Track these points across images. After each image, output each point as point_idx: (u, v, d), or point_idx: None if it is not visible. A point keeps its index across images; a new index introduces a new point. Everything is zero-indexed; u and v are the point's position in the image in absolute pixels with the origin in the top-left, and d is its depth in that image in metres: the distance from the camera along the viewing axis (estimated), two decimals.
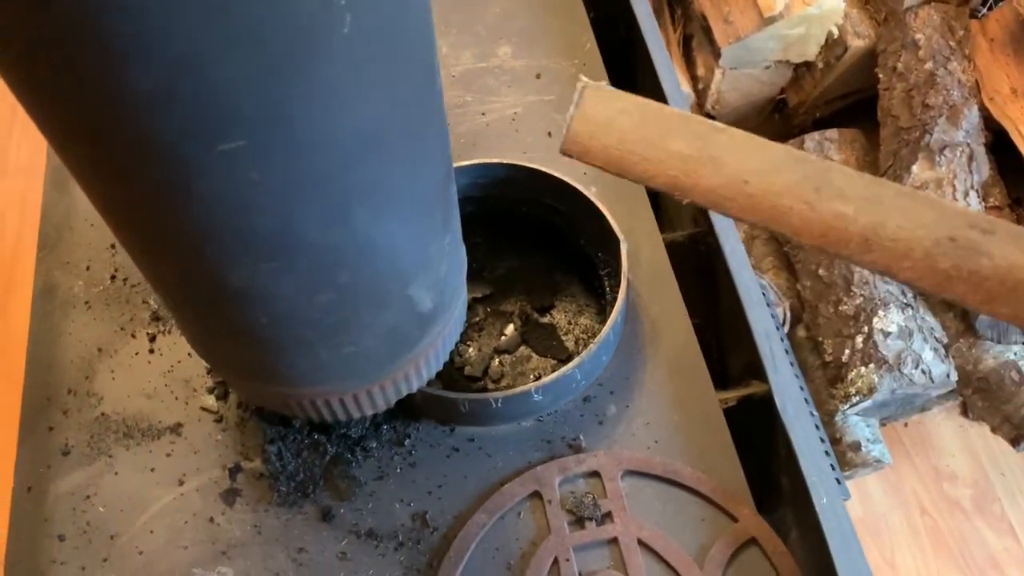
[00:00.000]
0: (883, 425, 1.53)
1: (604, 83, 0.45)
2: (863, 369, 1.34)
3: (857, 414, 1.39)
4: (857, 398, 1.34)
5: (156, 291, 0.52)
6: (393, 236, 0.46)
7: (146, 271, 0.49)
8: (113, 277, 0.75)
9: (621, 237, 0.67)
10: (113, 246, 0.76)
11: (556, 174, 0.71)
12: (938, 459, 1.55)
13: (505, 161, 0.72)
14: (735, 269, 0.69)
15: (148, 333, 0.71)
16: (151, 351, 0.71)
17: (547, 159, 0.75)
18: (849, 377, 1.35)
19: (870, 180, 0.40)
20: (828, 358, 1.38)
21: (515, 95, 0.82)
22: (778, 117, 1.72)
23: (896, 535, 1.48)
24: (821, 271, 1.42)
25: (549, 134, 0.79)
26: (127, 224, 0.43)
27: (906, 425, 1.59)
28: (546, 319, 0.76)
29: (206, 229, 0.40)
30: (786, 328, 1.43)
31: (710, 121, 0.43)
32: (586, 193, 0.69)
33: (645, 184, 0.43)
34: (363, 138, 0.39)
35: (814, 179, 0.40)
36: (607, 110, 0.44)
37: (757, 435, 0.68)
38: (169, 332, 0.71)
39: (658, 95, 0.81)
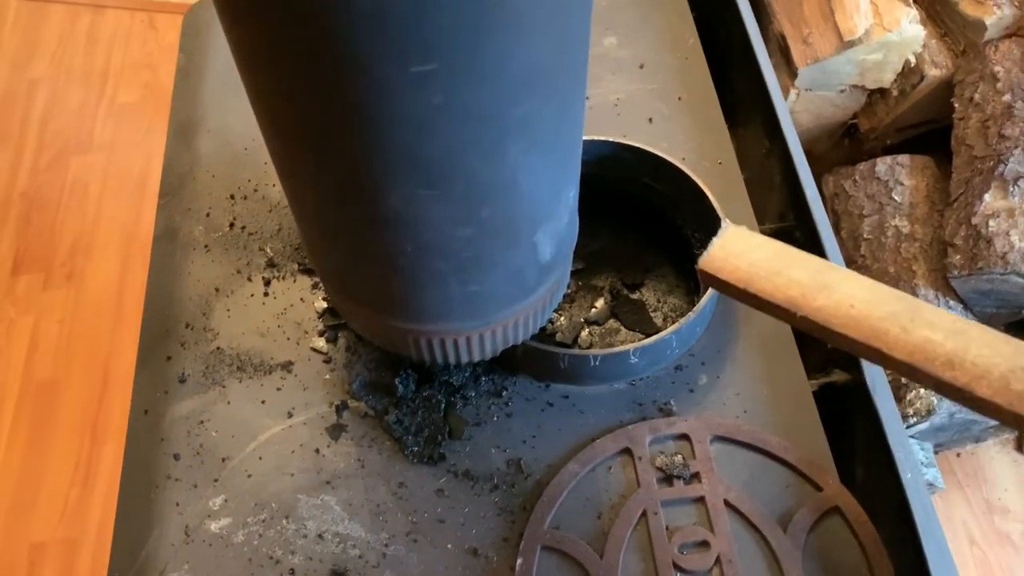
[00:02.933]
0: (936, 452, 1.53)
1: (744, 227, 0.55)
2: (922, 391, 1.34)
3: (913, 436, 1.39)
4: (915, 419, 1.34)
5: (304, 219, 0.56)
6: (535, 175, 0.50)
7: (302, 194, 0.53)
8: (232, 224, 0.79)
9: (722, 215, 0.70)
10: (232, 196, 0.81)
11: (660, 154, 0.74)
12: (990, 492, 1.55)
13: (611, 139, 0.75)
14: (831, 255, 0.71)
15: (263, 277, 0.76)
16: (265, 294, 0.75)
17: (647, 143, 0.78)
18: (908, 398, 1.35)
19: (956, 318, 0.47)
20: (888, 378, 1.39)
21: (619, 83, 0.85)
22: (848, 142, 1.74)
23: None
24: None
25: (650, 120, 0.83)
26: (303, 138, 0.47)
27: (959, 455, 1.59)
28: (636, 295, 0.79)
29: (381, 149, 0.44)
30: None
31: (827, 261, 0.52)
32: (688, 172, 0.73)
33: (764, 300, 0.51)
34: (532, 72, 0.43)
35: (909, 311, 0.47)
36: (744, 244, 0.54)
37: (837, 420, 0.70)
38: (283, 278, 0.76)
39: (757, 93, 0.84)
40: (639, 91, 0.85)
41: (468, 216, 0.49)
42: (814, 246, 0.74)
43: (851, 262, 1.53)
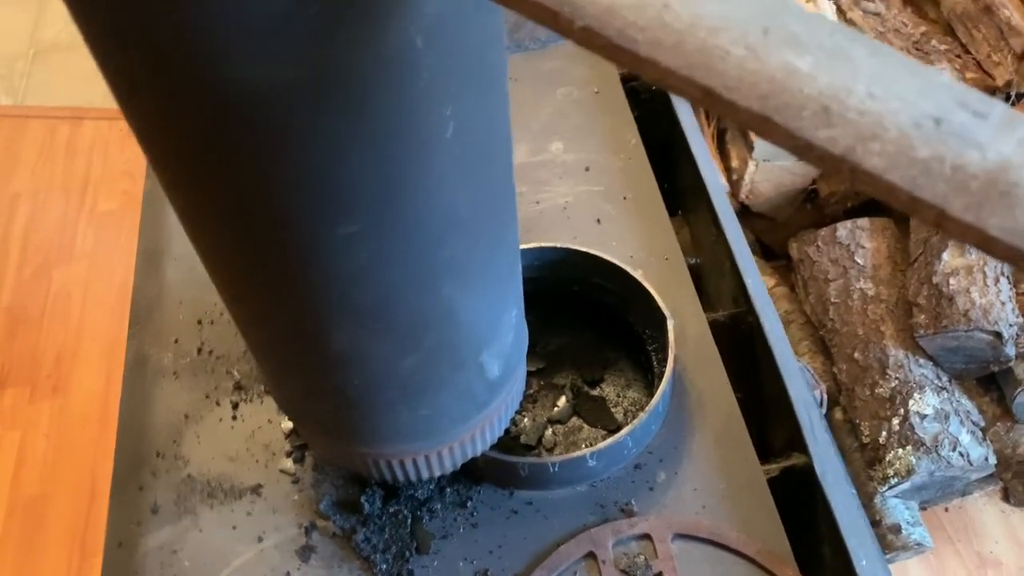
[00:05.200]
0: (924, 509, 1.54)
1: None
2: (900, 451, 1.36)
3: (896, 496, 1.40)
4: (895, 480, 1.35)
5: (257, 355, 0.59)
6: (472, 306, 0.52)
7: (252, 336, 0.55)
8: (199, 350, 0.82)
9: (668, 315, 0.73)
10: (200, 321, 0.84)
11: (606, 257, 0.77)
12: (981, 545, 1.55)
13: (560, 245, 0.78)
14: (774, 345, 0.74)
15: (231, 401, 0.78)
16: (234, 418, 0.77)
17: (596, 243, 0.82)
18: (887, 459, 1.37)
19: (835, 27, 0.29)
20: (865, 440, 1.40)
21: (566, 186, 0.89)
22: (810, 207, 1.79)
23: None
24: (856, 354, 1.46)
25: (598, 221, 0.86)
26: (246, 292, 0.50)
27: (947, 510, 1.59)
28: (596, 392, 0.82)
29: (318, 297, 0.47)
30: (823, 411, 1.46)
31: None
32: (635, 275, 0.76)
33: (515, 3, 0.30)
34: (456, 221, 0.46)
35: (762, 15, 0.29)
36: None
37: (798, 504, 0.72)
38: (250, 400, 0.78)
39: (699, 186, 0.88)
40: (586, 193, 0.88)
41: (411, 348, 0.52)
42: (760, 334, 0.77)
43: (821, 326, 1.56)
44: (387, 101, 0.38)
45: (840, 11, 1.78)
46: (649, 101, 0.97)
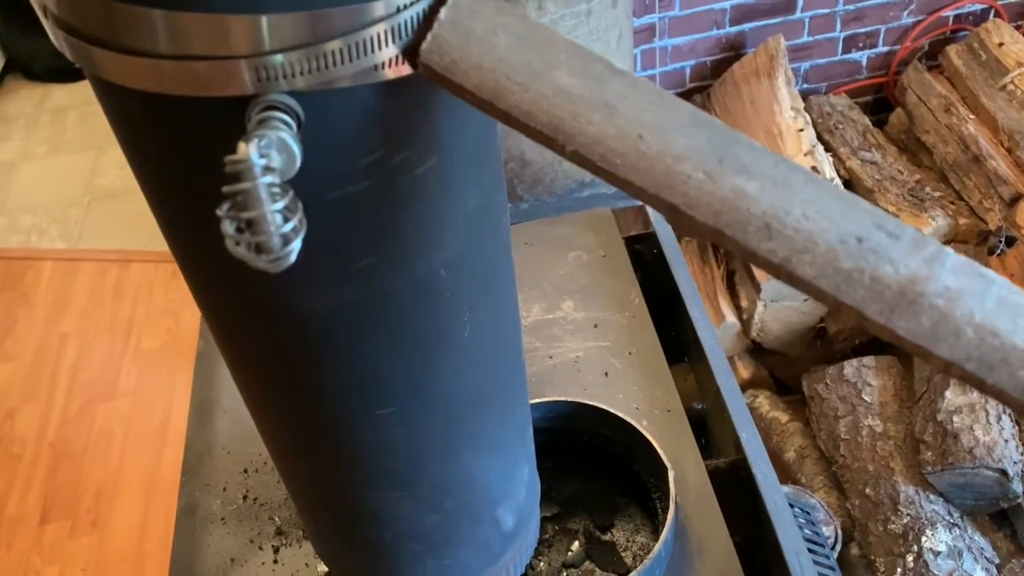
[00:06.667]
0: None
1: None
2: None
3: None
4: None
5: (299, 508, 0.67)
6: (488, 469, 0.60)
7: (295, 494, 0.64)
8: (245, 497, 0.90)
9: (669, 466, 0.80)
10: (245, 470, 0.92)
11: (612, 411, 0.85)
12: None
13: (569, 399, 0.87)
14: (766, 495, 0.80)
15: (273, 546, 0.85)
16: (275, 561, 0.84)
17: (605, 397, 0.90)
18: None
19: (778, 159, 0.36)
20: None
21: (576, 341, 0.98)
22: (819, 343, 1.86)
23: None
24: (868, 490, 1.50)
25: (606, 374, 0.95)
26: (291, 459, 0.59)
27: None
28: (607, 536, 0.88)
29: (356, 465, 0.55)
30: (838, 546, 1.49)
31: (608, 60, 0.37)
32: (638, 427, 0.84)
33: (518, 123, 0.36)
34: (472, 400, 0.55)
35: (718, 147, 0.36)
36: (486, 22, 0.36)
37: None
38: (290, 545, 0.85)
39: (696, 341, 0.97)
40: (594, 348, 0.97)
41: (434, 507, 0.60)
42: (751, 483, 0.84)
43: (833, 461, 1.61)
44: (417, 314, 0.47)
45: (839, 159, 1.91)
46: (651, 263, 1.08)
